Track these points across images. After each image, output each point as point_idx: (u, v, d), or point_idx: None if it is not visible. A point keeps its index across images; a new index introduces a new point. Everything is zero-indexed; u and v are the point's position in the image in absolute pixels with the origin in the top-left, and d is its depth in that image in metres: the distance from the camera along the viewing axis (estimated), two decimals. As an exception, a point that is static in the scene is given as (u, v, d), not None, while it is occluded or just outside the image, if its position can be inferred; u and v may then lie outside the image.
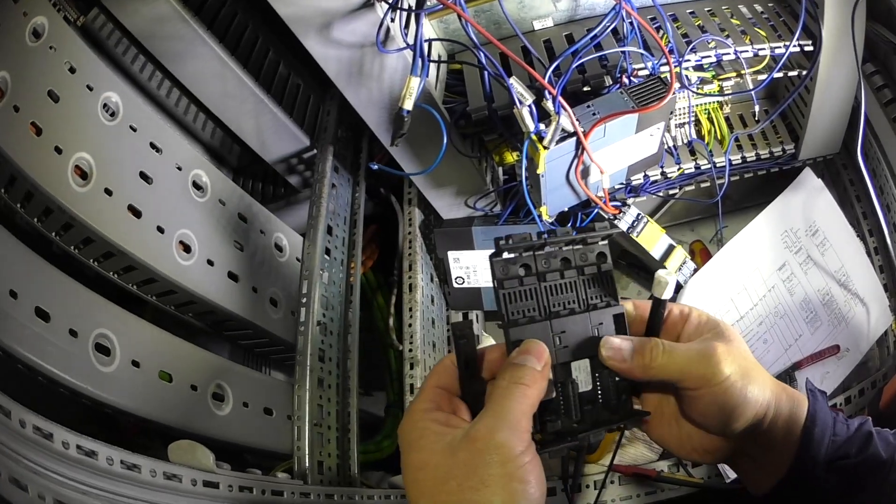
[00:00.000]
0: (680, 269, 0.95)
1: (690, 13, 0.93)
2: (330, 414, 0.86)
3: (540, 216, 0.82)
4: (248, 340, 0.98)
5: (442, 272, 0.99)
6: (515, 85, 0.75)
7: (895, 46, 0.99)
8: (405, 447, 0.52)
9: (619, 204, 0.94)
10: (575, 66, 0.81)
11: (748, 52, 0.90)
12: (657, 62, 0.86)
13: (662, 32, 0.88)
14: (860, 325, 1.02)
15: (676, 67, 0.85)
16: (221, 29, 0.98)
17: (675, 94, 0.83)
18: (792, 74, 0.95)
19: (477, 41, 0.78)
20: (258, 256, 0.98)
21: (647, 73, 0.87)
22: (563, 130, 0.77)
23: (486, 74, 0.83)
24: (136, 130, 0.90)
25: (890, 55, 1.03)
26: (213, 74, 0.98)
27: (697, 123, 1.00)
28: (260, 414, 0.90)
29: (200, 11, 0.95)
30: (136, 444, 0.88)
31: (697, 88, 0.96)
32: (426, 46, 0.77)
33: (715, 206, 1.00)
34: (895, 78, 1.03)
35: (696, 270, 0.96)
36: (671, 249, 0.95)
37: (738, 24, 0.92)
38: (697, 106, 0.98)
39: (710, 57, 0.89)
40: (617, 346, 0.54)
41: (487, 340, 1.05)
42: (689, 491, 0.90)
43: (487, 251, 0.94)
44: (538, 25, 0.91)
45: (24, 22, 0.80)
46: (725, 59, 0.91)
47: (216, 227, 0.93)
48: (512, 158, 0.94)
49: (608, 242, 0.57)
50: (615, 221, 0.93)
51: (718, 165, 0.98)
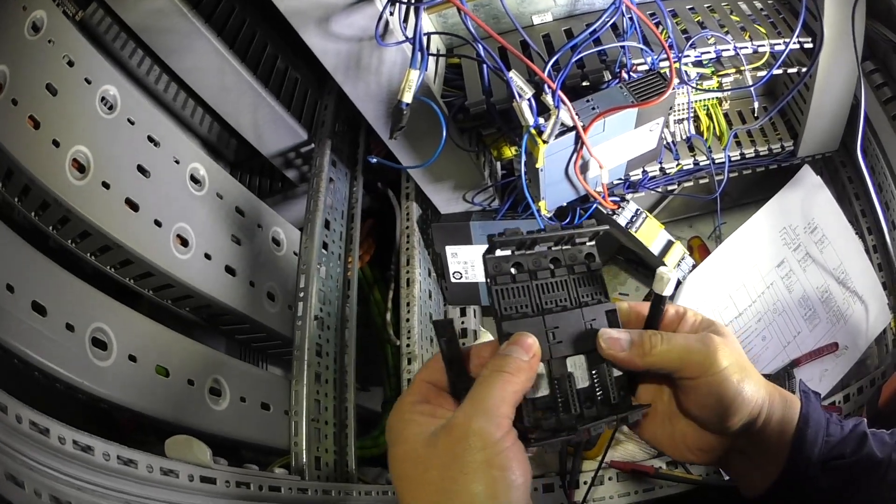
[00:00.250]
0: (679, 265, 0.95)
1: (690, 9, 0.93)
2: (327, 409, 0.86)
3: (539, 211, 0.82)
4: (245, 335, 0.98)
5: (439, 267, 0.99)
6: (515, 78, 0.75)
7: (895, 45, 0.99)
8: (391, 440, 0.53)
9: (617, 199, 0.94)
10: (574, 60, 0.81)
11: (748, 48, 0.90)
12: (656, 57, 0.86)
13: (662, 28, 0.88)
14: (859, 322, 1.02)
15: (676, 63, 0.84)
16: (219, 23, 0.98)
17: (674, 89, 0.82)
18: (791, 71, 0.95)
19: (476, 35, 0.78)
20: (255, 250, 0.98)
21: (646, 68, 0.87)
22: (562, 125, 0.77)
23: (484, 68, 0.82)
24: (133, 124, 0.89)
25: (889, 53, 1.03)
26: (211, 68, 0.98)
27: (696, 119, 1.00)
28: (257, 409, 0.90)
29: (199, 5, 0.95)
30: (132, 439, 0.88)
31: (697, 84, 0.96)
32: (425, 40, 0.76)
33: (713, 202, 1.00)
34: (894, 76, 1.03)
35: (694, 266, 0.96)
36: (670, 245, 0.95)
37: (737, 20, 0.92)
38: (696, 102, 0.98)
39: (709, 53, 0.89)
40: (615, 336, 0.54)
41: (485, 336, 1.05)
42: (686, 488, 0.90)
43: (486, 246, 0.95)
44: (537, 20, 0.91)
45: (23, 16, 0.80)
46: (725, 55, 0.90)
47: (214, 220, 0.93)
48: (510, 153, 0.94)
49: (598, 242, 0.58)
50: (614, 216, 0.93)
51: (717, 162, 0.98)
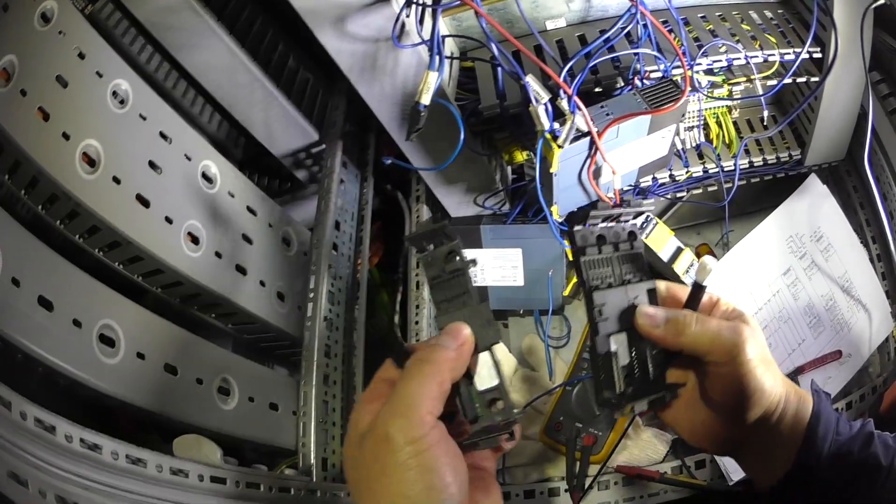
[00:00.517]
0: (687, 271, 0.95)
1: (702, 17, 0.94)
2: (335, 410, 0.86)
3: (551, 215, 0.82)
4: (253, 335, 0.98)
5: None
6: (532, 83, 0.75)
7: (901, 55, 1.00)
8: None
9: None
10: (589, 66, 0.81)
11: (758, 57, 0.91)
12: (670, 65, 0.86)
13: (674, 36, 0.88)
14: (862, 330, 1.03)
15: (689, 71, 0.85)
16: (231, 20, 0.98)
17: (688, 96, 0.83)
18: (800, 81, 0.96)
19: (491, 37, 0.79)
20: (266, 250, 0.97)
21: (659, 75, 0.87)
22: (577, 130, 0.77)
23: (499, 72, 0.83)
24: (145, 119, 0.89)
25: (896, 63, 1.04)
26: (222, 66, 0.97)
27: (706, 127, 1.00)
28: (265, 409, 0.89)
29: (210, 1, 0.95)
30: (133, 437, 0.87)
31: (708, 93, 0.96)
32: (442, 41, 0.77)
33: (721, 209, 1.00)
34: (901, 86, 1.04)
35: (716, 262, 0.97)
36: (679, 252, 0.96)
37: (748, 29, 0.93)
38: (707, 110, 0.99)
39: (721, 61, 0.90)
40: (652, 312, 0.56)
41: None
42: (691, 493, 0.90)
43: (496, 250, 0.95)
44: (551, 26, 0.91)
45: (33, 5, 0.79)
46: (736, 63, 0.91)
47: (225, 219, 0.92)
48: (521, 157, 0.94)
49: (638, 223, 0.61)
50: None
51: (726, 170, 0.99)
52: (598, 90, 0.87)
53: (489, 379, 0.52)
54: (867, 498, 0.56)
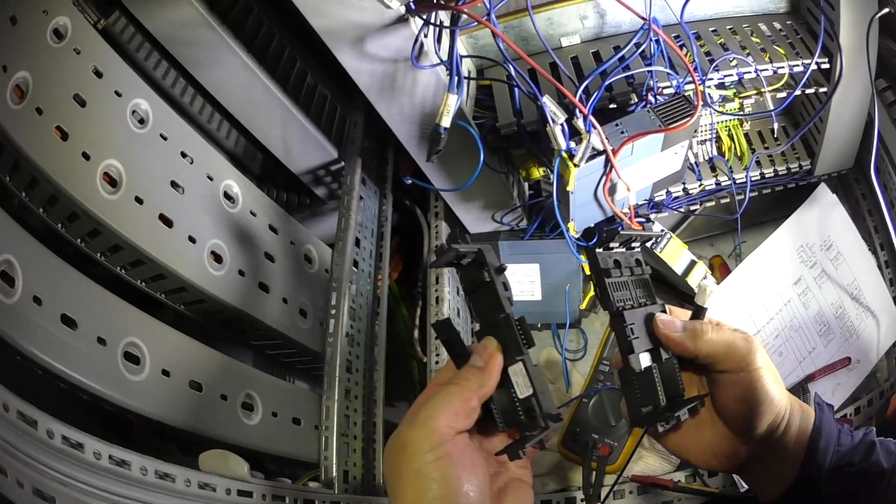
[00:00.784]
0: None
1: (713, 31, 0.95)
2: (356, 424, 0.87)
3: (568, 231, 0.84)
4: (275, 350, 0.99)
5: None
6: (548, 103, 0.76)
7: (908, 62, 1.00)
8: None
9: (643, 220, 0.96)
10: (605, 85, 0.82)
11: (768, 70, 0.91)
12: (682, 80, 0.87)
13: (686, 51, 0.89)
14: (870, 337, 1.04)
15: (701, 86, 0.86)
16: (249, 36, 0.97)
17: (700, 112, 0.84)
18: (808, 92, 0.97)
19: (508, 57, 0.80)
20: (288, 267, 0.98)
21: (672, 91, 0.88)
22: (593, 149, 0.78)
23: (516, 91, 0.84)
24: (166, 139, 0.90)
25: (902, 70, 1.05)
26: (239, 82, 0.97)
27: (718, 140, 1.01)
28: (289, 423, 0.91)
29: (227, 18, 0.95)
30: (149, 447, 0.88)
31: (720, 107, 0.97)
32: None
33: (733, 221, 1.02)
34: (907, 93, 1.05)
35: (716, 285, 0.98)
36: (693, 265, 0.97)
37: (757, 41, 0.94)
38: (719, 123, 1.00)
39: (732, 75, 0.91)
40: (670, 319, 0.59)
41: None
42: (705, 500, 0.92)
43: (514, 265, 0.96)
44: (565, 42, 0.92)
45: (44, 20, 0.79)
46: (746, 77, 0.92)
47: (247, 238, 0.94)
48: (538, 174, 0.95)
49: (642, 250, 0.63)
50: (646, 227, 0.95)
51: (738, 182, 1.00)
52: (612, 106, 0.88)
53: (525, 388, 0.54)
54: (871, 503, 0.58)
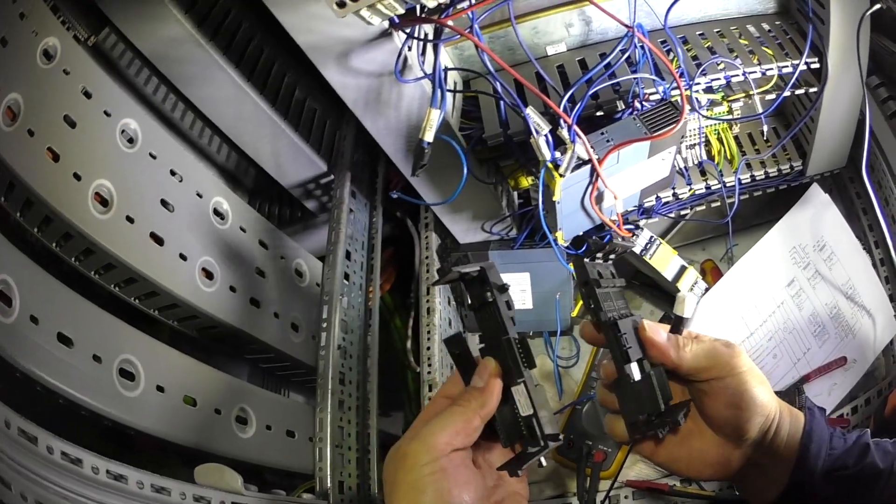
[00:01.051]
0: (692, 289, 0.97)
1: (700, 35, 0.94)
2: (350, 435, 0.88)
3: (556, 241, 0.84)
4: (269, 363, 1.00)
5: (459, 295, 1.00)
6: (532, 115, 0.77)
7: (900, 58, 1.00)
8: None
9: (632, 227, 0.96)
10: (589, 94, 0.82)
11: (756, 72, 0.91)
12: (668, 87, 0.87)
13: (673, 55, 0.89)
14: (866, 335, 1.04)
15: (687, 91, 0.86)
16: (237, 53, 0.98)
17: (686, 119, 0.84)
18: (798, 92, 0.96)
19: (492, 69, 0.80)
20: (279, 282, 0.99)
21: (658, 97, 0.88)
22: (578, 158, 0.78)
23: (501, 102, 0.84)
24: (155, 158, 0.90)
25: (895, 67, 1.04)
26: (228, 99, 0.98)
27: (707, 144, 1.01)
28: (283, 436, 0.92)
29: (216, 36, 0.95)
30: (152, 460, 0.90)
31: (707, 110, 0.97)
32: (444, 76, 0.78)
33: (724, 224, 1.01)
34: (900, 89, 1.04)
35: (707, 290, 0.98)
36: (683, 270, 0.97)
37: (746, 43, 0.93)
38: (707, 127, 0.99)
39: (719, 79, 0.90)
40: (655, 326, 0.60)
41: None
42: (701, 503, 0.92)
43: (505, 274, 0.96)
44: (551, 51, 0.92)
45: (34, 41, 0.80)
46: (734, 80, 0.91)
47: (238, 253, 0.94)
48: (527, 183, 0.96)
49: (615, 262, 0.63)
50: (629, 244, 0.95)
51: (728, 185, 1.00)
52: (599, 114, 0.87)
53: (526, 408, 0.55)
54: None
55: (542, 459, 0.56)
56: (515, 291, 0.96)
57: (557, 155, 0.78)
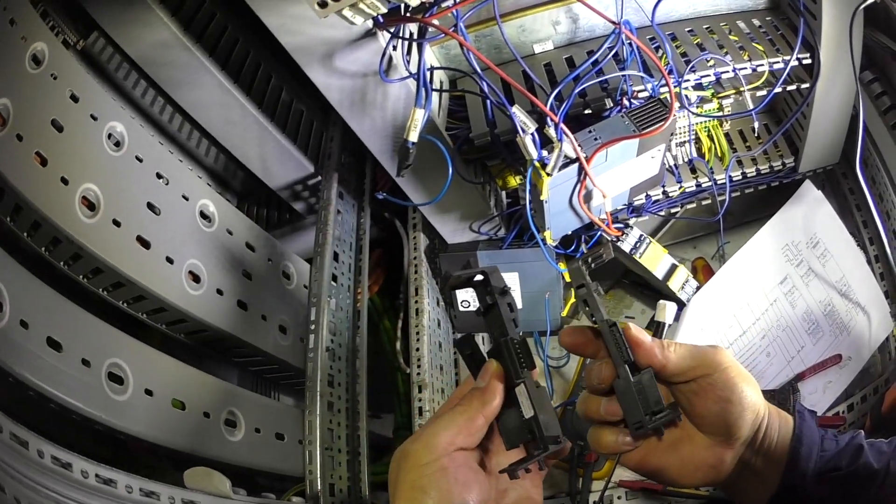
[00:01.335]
0: (683, 287, 0.96)
1: (689, 31, 0.94)
2: (340, 437, 0.87)
3: (544, 241, 0.83)
4: (258, 366, 0.99)
5: (447, 296, 1.00)
6: (518, 114, 0.76)
7: (893, 53, 0.99)
8: None
9: (621, 226, 0.95)
10: (577, 91, 0.82)
11: (746, 69, 0.90)
12: (657, 84, 0.86)
13: (662, 52, 0.88)
14: (861, 332, 1.03)
15: (676, 88, 0.85)
16: (223, 56, 0.98)
17: (675, 116, 0.83)
18: (790, 89, 0.95)
19: (478, 68, 0.79)
20: (266, 285, 0.99)
21: (647, 94, 0.87)
22: (565, 157, 0.78)
23: (488, 101, 0.83)
24: (141, 161, 0.90)
25: (889, 62, 1.03)
26: (215, 102, 0.98)
27: (698, 141, 1.00)
28: (272, 439, 0.92)
29: (202, 38, 0.95)
30: (144, 464, 0.90)
31: (697, 108, 0.96)
32: (428, 75, 0.77)
33: (716, 222, 1.01)
34: (894, 85, 1.03)
35: (698, 288, 0.97)
36: (674, 269, 0.96)
37: (735, 39, 0.93)
38: (697, 124, 0.99)
39: (709, 76, 0.90)
40: (639, 329, 0.60)
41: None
42: (695, 503, 0.92)
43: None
44: (538, 49, 0.92)
45: (23, 47, 0.80)
46: (724, 76, 0.91)
47: (224, 256, 0.94)
48: (515, 182, 0.95)
49: (605, 266, 0.63)
50: (618, 243, 0.94)
51: (719, 182, 0.99)
52: (587, 112, 0.87)
53: (527, 409, 0.55)
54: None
55: (541, 463, 0.56)
56: (504, 292, 0.95)
57: (545, 154, 0.77)
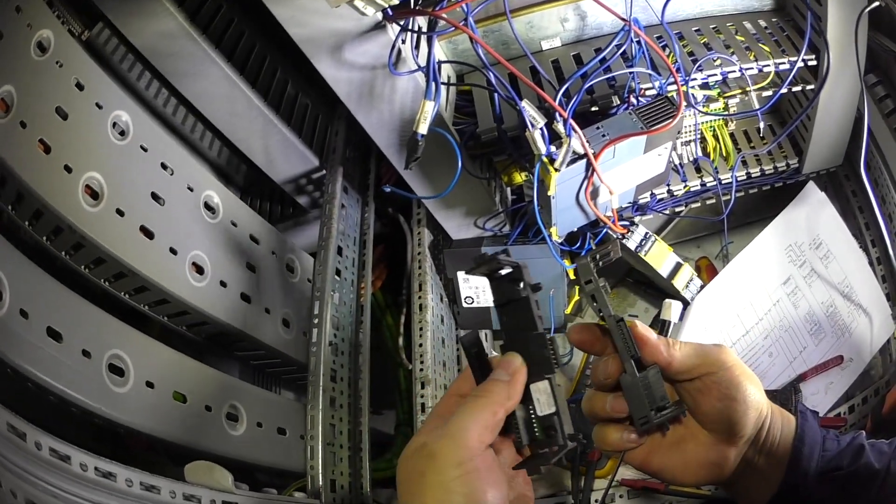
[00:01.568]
0: (687, 286, 0.96)
1: (696, 31, 0.94)
2: (342, 433, 0.87)
3: (550, 237, 0.83)
4: (259, 360, 0.99)
5: (451, 292, 0.99)
6: (527, 108, 0.76)
7: (897, 56, 0.99)
8: None
9: (627, 223, 0.95)
10: (585, 88, 0.82)
11: (753, 69, 0.91)
12: (664, 81, 0.86)
13: (669, 51, 0.89)
14: (863, 334, 1.03)
15: (684, 86, 0.85)
16: (229, 47, 0.98)
17: (683, 114, 0.83)
18: (795, 90, 0.96)
19: (487, 62, 0.79)
20: (270, 278, 0.99)
21: (654, 92, 0.87)
22: (573, 152, 0.78)
23: (496, 96, 0.83)
24: (146, 150, 0.90)
25: (892, 65, 1.03)
26: (221, 94, 0.98)
27: (703, 141, 1.00)
28: (273, 434, 0.91)
29: (208, 29, 0.95)
30: (142, 460, 0.89)
31: (703, 107, 0.96)
32: (437, 69, 0.77)
33: (720, 222, 1.01)
34: (898, 88, 1.04)
35: (702, 287, 0.97)
36: (678, 267, 0.96)
37: (742, 40, 0.93)
38: (703, 123, 0.99)
39: (715, 75, 0.90)
40: (645, 326, 0.59)
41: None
42: (696, 503, 0.91)
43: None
44: (546, 45, 0.92)
45: (29, 34, 0.80)
46: (731, 76, 0.91)
47: (229, 248, 0.94)
48: (520, 179, 0.95)
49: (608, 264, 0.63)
50: (624, 241, 0.94)
51: (724, 182, 0.99)
52: (594, 109, 0.87)
53: (547, 406, 0.54)
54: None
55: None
56: (509, 288, 0.95)
57: (553, 149, 0.77)
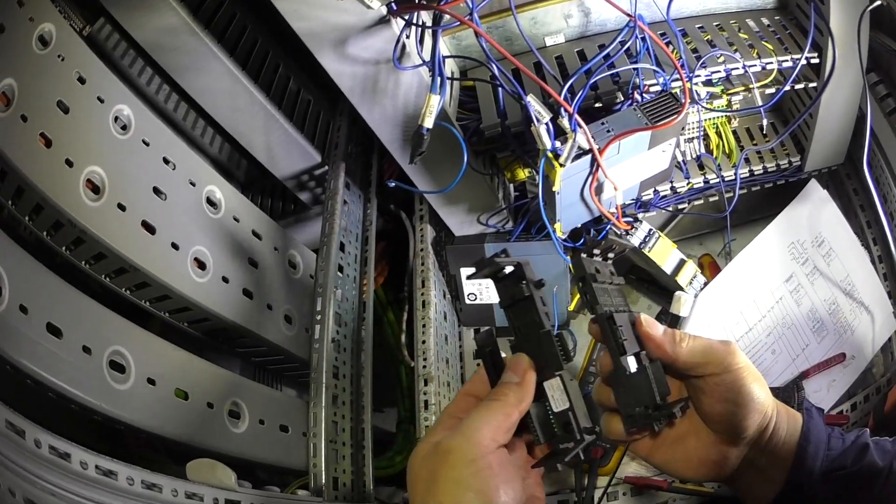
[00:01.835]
0: (690, 283, 0.96)
1: (700, 28, 0.94)
2: (344, 430, 0.86)
3: (555, 232, 0.83)
4: (261, 357, 0.98)
5: (454, 288, 0.99)
6: (533, 103, 0.75)
7: (899, 55, 1.00)
8: None
9: (631, 220, 0.95)
10: (590, 84, 0.82)
11: (756, 66, 0.91)
12: (669, 78, 0.86)
13: (672, 48, 0.89)
14: (865, 332, 1.04)
15: (688, 82, 0.85)
16: (231, 42, 0.97)
17: (687, 109, 0.83)
18: (798, 87, 0.96)
19: (492, 57, 0.79)
20: (272, 274, 0.98)
21: (658, 88, 0.87)
22: (578, 148, 0.77)
23: (500, 91, 0.83)
24: (148, 145, 0.89)
25: (894, 64, 1.04)
26: (223, 89, 0.97)
27: (706, 138, 1.00)
28: (276, 431, 0.90)
29: (210, 24, 0.95)
30: (141, 459, 0.88)
31: (707, 103, 0.96)
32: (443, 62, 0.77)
33: (722, 219, 1.01)
34: (899, 87, 1.04)
35: (705, 284, 0.97)
36: (682, 264, 0.96)
37: (745, 37, 0.93)
38: (706, 120, 0.99)
39: (719, 72, 0.90)
40: (652, 321, 0.59)
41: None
42: (700, 500, 0.91)
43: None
44: (550, 42, 0.92)
45: (30, 28, 0.79)
46: (734, 73, 0.91)
47: (231, 243, 0.93)
48: (523, 175, 0.94)
49: (619, 258, 0.63)
50: (627, 237, 0.94)
51: (727, 179, 0.99)
52: (598, 105, 0.87)
53: (561, 402, 0.54)
54: (870, 503, 0.57)
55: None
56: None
57: (558, 144, 0.77)
